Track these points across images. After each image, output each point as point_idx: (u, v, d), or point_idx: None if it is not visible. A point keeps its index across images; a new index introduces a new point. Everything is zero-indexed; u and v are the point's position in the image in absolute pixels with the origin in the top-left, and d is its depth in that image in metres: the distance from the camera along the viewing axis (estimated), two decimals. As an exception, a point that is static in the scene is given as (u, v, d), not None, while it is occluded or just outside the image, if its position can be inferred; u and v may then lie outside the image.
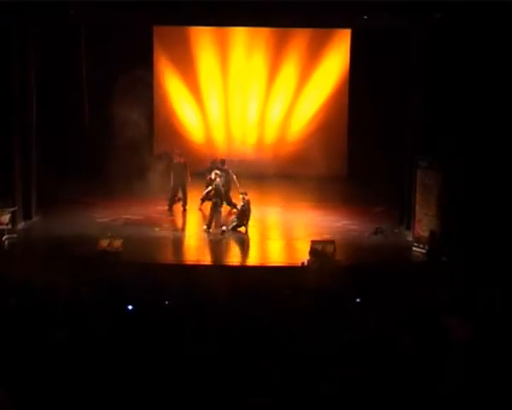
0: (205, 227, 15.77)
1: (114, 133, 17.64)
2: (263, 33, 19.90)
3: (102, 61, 18.76)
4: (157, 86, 20.35)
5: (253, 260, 14.50)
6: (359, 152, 19.20)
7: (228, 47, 20.23)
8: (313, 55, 20.14)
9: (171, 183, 17.15)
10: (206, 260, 14.40)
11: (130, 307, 9.38)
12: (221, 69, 20.38)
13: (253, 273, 12.85)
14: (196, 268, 13.25)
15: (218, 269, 13.24)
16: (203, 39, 20.14)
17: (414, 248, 15.00)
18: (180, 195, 17.46)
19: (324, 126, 19.87)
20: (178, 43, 20.25)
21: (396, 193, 16.85)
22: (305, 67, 20.17)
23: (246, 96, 20.64)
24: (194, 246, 15.31)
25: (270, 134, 20.87)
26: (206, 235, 15.58)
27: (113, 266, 12.43)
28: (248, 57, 20.19)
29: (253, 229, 15.94)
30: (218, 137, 20.91)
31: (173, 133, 20.25)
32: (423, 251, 14.66)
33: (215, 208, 15.67)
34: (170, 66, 20.44)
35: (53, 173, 16.76)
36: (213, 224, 15.66)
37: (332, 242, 14.19)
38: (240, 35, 20.07)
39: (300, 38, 19.90)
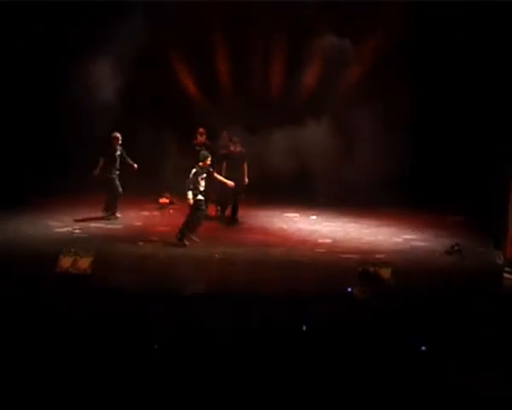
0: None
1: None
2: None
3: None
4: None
5: (279, 286, 12.19)
6: (426, 144, 17.50)
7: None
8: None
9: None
10: (212, 287, 12.22)
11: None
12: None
13: (278, 304, 10.74)
14: (198, 299, 11.34)
15: (229, 300, 11.18)
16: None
17: (505, 275, 13.38)
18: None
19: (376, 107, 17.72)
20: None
21: (479, 199, 15.56)
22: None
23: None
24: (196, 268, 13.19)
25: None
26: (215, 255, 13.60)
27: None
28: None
29: (277, 244, 14.43)
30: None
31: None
32: (518, 278, 13.24)
33: None
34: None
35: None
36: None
37: (389, 264, 12.58)
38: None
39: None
